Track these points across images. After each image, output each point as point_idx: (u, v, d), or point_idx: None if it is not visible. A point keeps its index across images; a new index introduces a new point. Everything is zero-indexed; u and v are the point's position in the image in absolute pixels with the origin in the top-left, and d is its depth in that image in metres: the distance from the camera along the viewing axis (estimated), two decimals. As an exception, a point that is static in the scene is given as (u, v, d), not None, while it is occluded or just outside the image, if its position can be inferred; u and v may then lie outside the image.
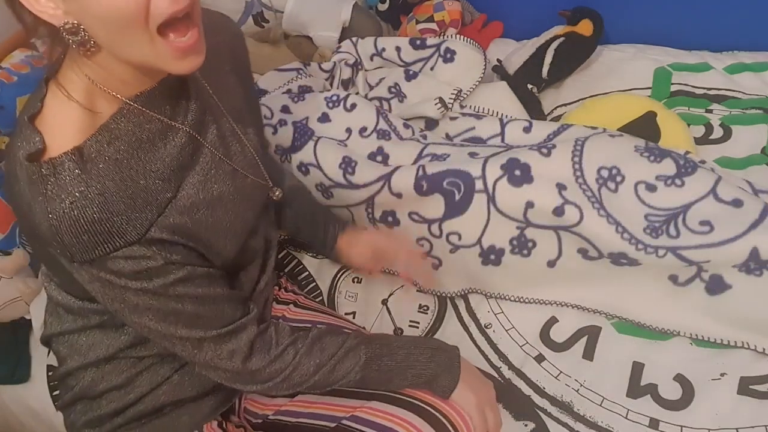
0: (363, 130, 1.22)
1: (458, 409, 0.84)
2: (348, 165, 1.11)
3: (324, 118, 1.23)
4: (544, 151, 1.05)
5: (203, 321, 0.73)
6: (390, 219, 1.09)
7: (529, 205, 1.01)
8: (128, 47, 0.61)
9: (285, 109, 1.25)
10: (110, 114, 0.67)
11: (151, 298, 0.69)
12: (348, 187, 1.11)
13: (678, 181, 1.00)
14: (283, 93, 1.33)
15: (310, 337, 0.82)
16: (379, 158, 1.17)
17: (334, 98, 1.26)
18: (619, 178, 1.02)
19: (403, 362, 0.84)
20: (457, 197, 1.04)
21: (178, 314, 0.71)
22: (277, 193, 0.89)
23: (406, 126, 1.25)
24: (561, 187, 1.00)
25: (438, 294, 1.14)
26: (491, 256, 1.06)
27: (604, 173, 1.02)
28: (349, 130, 1.22)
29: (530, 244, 1.04)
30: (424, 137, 1.24)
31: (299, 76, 1.39)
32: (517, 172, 1.02)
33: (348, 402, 0.85)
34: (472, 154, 1.10)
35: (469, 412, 0.84)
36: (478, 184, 1.03)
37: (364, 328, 1.13)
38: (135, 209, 0.65)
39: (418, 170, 1.06)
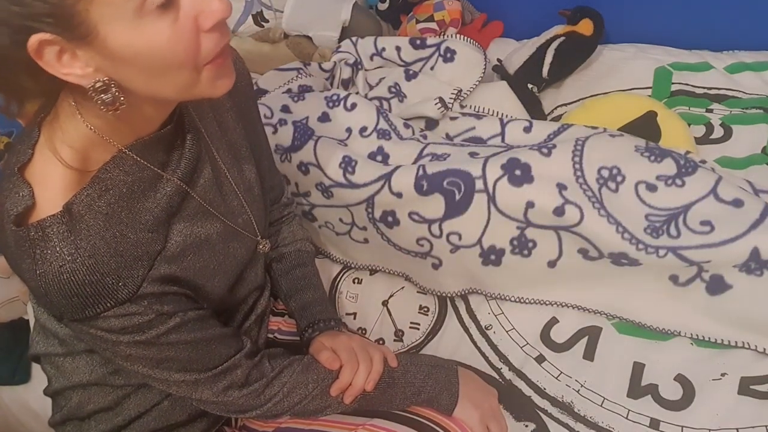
0: (363, 129, 1.22)
1: (461, 424, 0.85)
2: (348, 164, 1.11)
3: (324, 118, 1.23)
4: (545, 151, 1.05)
5: (197, 364, 0.73)
6: (390, 219, 1.08)
7: (530, 205, 1.01)
8: (171, 88, 0.60)
9: (285, 109, 1.25)
10: (103, 161, 0.65)
11: (144, 348, 0.68)
12: (348, 187, 1.11)
13: (678, 181, 1.00)
14: (283, 92, 1.33)
15: (306, 359, 0.83)
16: (379, 158, 1.16)
17: (335, 98, 1.26)
18: (619, 178, 1.02)
19: (400, 379, 0.84)
20: (458, 197, 1.04)
21: (172, 360, 0.70)
22: (262, 246, 0.87)
23: (407, 126, 1.25)
24: (561, 187, 1.00)
25: (438, 294, 1.14)
26: (491, 257, 1.06)
27: (605, 173, 1.02)
28: (349, 130, 1.22)
29: (530, 245, 1.04)
30: (424, 137, 1.23)
31: (299, 75, 1.39)
32: (518, 172, 1.02)
33: (350, 419, 0.85)
34: (473, 154, 1.10)
35: (472, 427, 0.85)
36: (479, 184, 1.03)
37: (364, 330, 1.13)
38: (125, 267, 0.64)
39: (418, 170, 1.06)
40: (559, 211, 0.99)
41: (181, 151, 0.72)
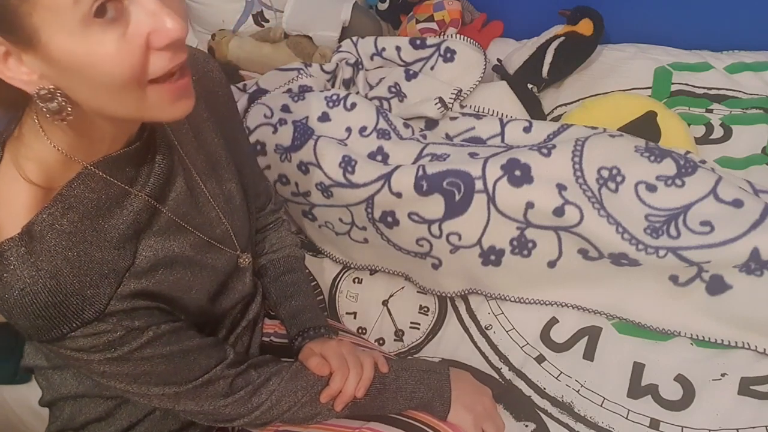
0: (363, 129, 1.22)
1: (456, 428, 0.84)
2: (348, 164, 1.11)
3: (324, 117, 1.23)
4: (544, 151, 1.05)
5: (176, 376, 0.71)
6: (389, 219, 1.08)
7: (530, 205, 1.01)
8: (117, 105, 0.57)
9: (285, 108, 1.25)
10: (66, 180, 0.63)
11: (118, 365, 0.67)
12: (348, 186, 1.11)
13: (678, 182, 1.00)
14: (284, 92, 1.33)
15: (295, 365, 0.82)
16: (379, 158, 1.17)
17: (334, 97, 1.26)
18: (619, 179, 1.02)
19: (392, 385, 0.84)
20: (457, 197, 1.04)
21: (148, 375, 0.69)
22: (243, 260, 0.85)
23: (406, 125, 1.25)
24: (561, 188, 1.00)
25: (438, 294, 1.14)
26: (491, 257, 1.06)
27: (605, 173, 1.02)
28: (348, 130, 1.22)
29: (530, 245, 1.04)
30: (424, 137, 1.23)
31: (300, 75, 1.39)
32: (518, 173, 1.02)
33: (347, 423, 0.84)
34: (472, 155, 1.10)
35: (466, 430, 0.84)
36: (478, 185, 1.03)
37: (364, 329, 1.13)
38: (90, 286, 0.62)
39: (418, 170, 1.06)
40: (558, 212, 0.99)
41: (150, 167, 0.70)
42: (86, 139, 0.62)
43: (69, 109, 0.56)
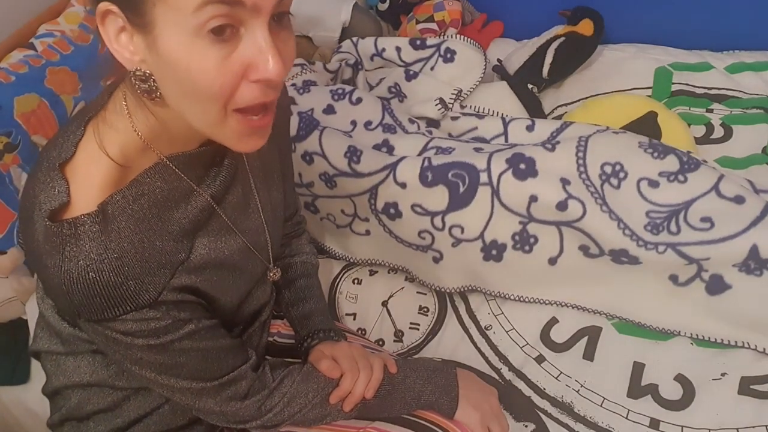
0: (368, 123, 1.22)
1: (462, 427, 0.84)
2: (353, 154, 1.11)
3: (329, 110, 1.24)
4: (549, 146, 1.05)
5: (205, 372, 0.73)
6: (392, 211, 1.08)
7: (533, 199, 1.01)
8: (196, 115, 0.60)
9: (290, 101, 1.25)
10: (143, 167, 0.66)
11: (156, 353, 0.68)
12: (352, 176, 1.10)
13: (681, 177, 1.00)
14: (289, 86, 1.33)
15: (306, 367, 0.83)
16: (384, 149, 1.16)
17: (340, 91, 1.27)
18: (622, 174, 1.02)
19: (400, 386, 0.84)
20: (462, 189, 1.04)
21: (181, 367, 0.71)
22: (272, 274, 0.87)
23: (412, 121, 1.25)
24: (565, 182, 1.01)
25: (437, 289, 1.14)
26: (493, 252, 1.06)
27: (608, 169, 1.02)
28: (353, 123, 1.22)
29: (532, 240, 1.04)
30: (430, 132, 1.24)
31: (304, 71, 1.39)
32: (522, 166, 1.03)
33: (352, 423, 0.84)
34: (478, 149, 1.10)
35: (473, 429, 0.84)
36: (483, 177, 1.03)
37: (364, 330, 1.13)
38: (149, 273, 0.64)
39: (423, 161, 1.06)
40: (561, 206, 0.99)
41: (218, 169, 0.73)
42: (165, 132, 0.65)
43: (159, 93, 0.59)
